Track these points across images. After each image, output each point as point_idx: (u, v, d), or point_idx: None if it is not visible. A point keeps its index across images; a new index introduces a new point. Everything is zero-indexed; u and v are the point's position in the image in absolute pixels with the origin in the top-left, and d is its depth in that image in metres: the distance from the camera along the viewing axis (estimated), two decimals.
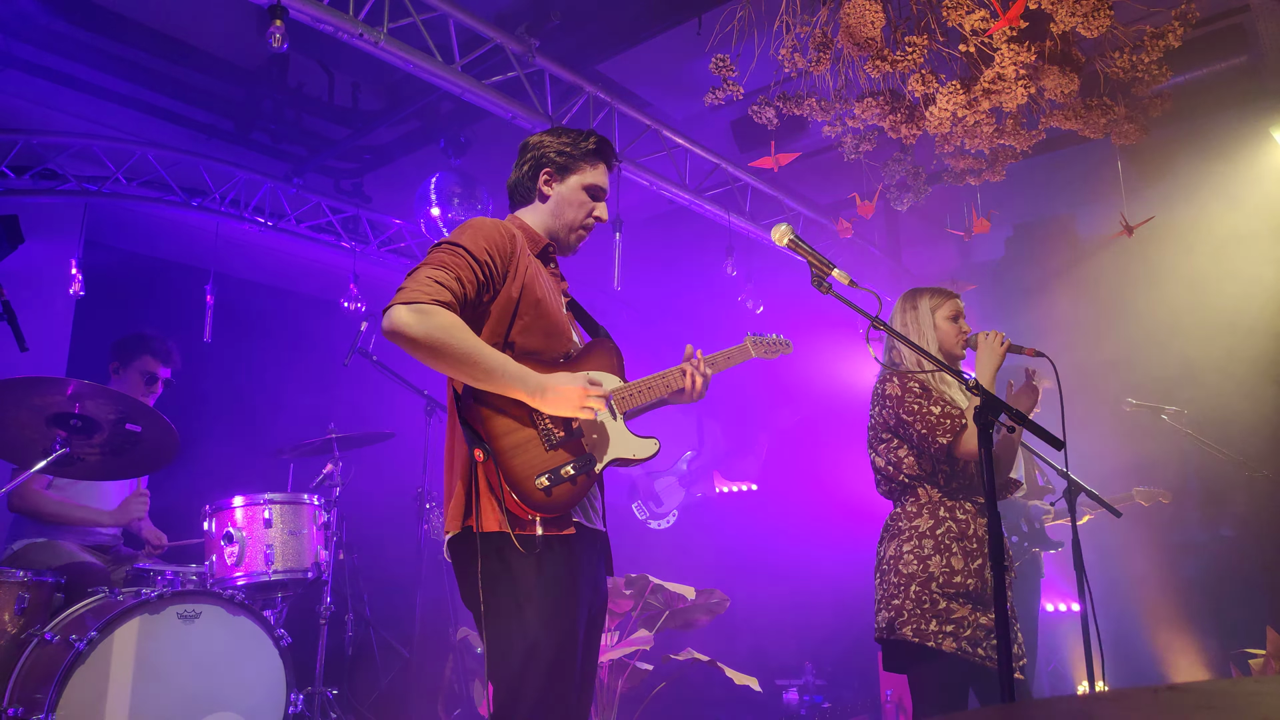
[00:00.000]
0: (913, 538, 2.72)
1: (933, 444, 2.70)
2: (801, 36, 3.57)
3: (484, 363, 2.03)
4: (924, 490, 2.78)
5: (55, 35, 4.75)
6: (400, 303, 1.99)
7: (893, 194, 4.78)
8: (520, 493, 2.04)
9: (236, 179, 5.80)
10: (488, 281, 2.13)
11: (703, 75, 3.73)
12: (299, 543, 3.72)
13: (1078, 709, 0.84)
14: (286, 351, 6.41)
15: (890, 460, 2.85)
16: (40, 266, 5.34)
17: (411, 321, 1.97)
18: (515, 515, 2.06)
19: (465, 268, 2.09)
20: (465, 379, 2.06)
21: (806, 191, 6.43)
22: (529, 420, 2.13)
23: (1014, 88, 3.43)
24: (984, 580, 2.66)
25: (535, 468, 2.08)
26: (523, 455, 2.08)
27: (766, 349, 2.88)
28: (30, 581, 3.07)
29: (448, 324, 2.00)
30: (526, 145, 2.43)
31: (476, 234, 2.17)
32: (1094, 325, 5.87)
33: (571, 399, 2.09)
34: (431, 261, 2.09)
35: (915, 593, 2.64)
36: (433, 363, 2.02)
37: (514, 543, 2.03)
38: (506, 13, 4.55)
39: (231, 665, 3.25)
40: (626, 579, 4.24)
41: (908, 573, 2.68)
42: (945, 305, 2.92)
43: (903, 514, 2.80)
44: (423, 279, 2.03)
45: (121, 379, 3.96)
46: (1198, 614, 5.39)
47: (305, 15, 3.71)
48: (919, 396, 2.76)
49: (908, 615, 2.63)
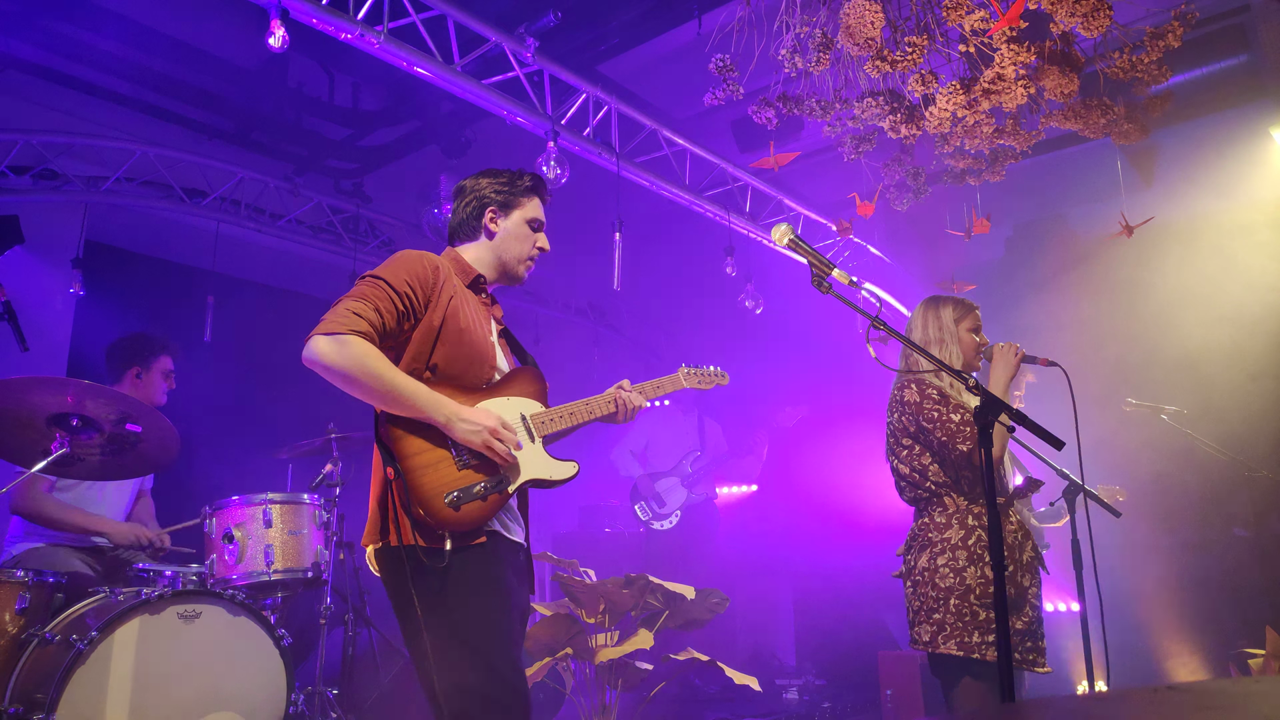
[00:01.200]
0: (946, 550, 2.75)
1: (953, 451, 2.74)
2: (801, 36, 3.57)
3: (395, 390, 2.16)
4: (950, 499, 2.80)
5: (55, 35, 4.75)
6: (319, 333, 2.12)
7: (893, 194, 4.78)
8: (428, 510, 2.15)
9: (236, 179, 5.80)
10: (408, 311, 2.26)
11: (703, 75, 3.73)
12: (299, 542, 3.72)
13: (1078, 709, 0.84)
14: (287, 351, 6.39)
15: (915, 467, 2.86)
16: (40, 266, 5.34)
17: (328, 351, 2.10)
18: (425, 530, 2.17)
19: (385, 299, 2.22)
20: (380, 405, 2.20)
21: (806, 191, 6.43)
22: (442, 442, 2.25)
23: (1014, 88, 3.43)
24: (1018, 585, 2.75)
25: (444, 486, 2.20)
26: (432, 474, 2.20)
27: (700, 379, 3.04)
28: (31, 582, 3.07)
29: (361, 354, 2.13)
30: (465, 188, 2.56)
31: (398, 266, 2.30)
32: (1094, 325, 5.87)
33: (479, 435, 2.23)
34: (353, 294, 2.22)
35: (955, 606, 2.68)
36: (349, 389, 2.16)
37: (421, 556, 2.15)
38: (506, 13, 4.55)
39: (231, 665, 3.24)
40: (626, 579, 4.24)
41: (945, 586, 2.71)
42: (968, 317, 2.97)
43: (931, 524, 2.82)
44: (342, 310, 2.17)
45: (144, 383, 3.99)
46: (1198, 614, 5.39)
47: (305, 15, 3.71)
48: (938, 403, 2.78)
49: (950, 629, 2.68)
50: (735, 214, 5.87)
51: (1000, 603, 2.11)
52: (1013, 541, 2.78)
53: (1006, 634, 2.09)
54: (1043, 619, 2.87)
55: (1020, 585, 2.76)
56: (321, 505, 3.90)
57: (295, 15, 3.65)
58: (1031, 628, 2.76)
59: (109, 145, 5.40)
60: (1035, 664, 2.76)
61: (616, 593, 4.24)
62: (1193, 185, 5.54)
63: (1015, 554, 2.77)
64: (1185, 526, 5.66)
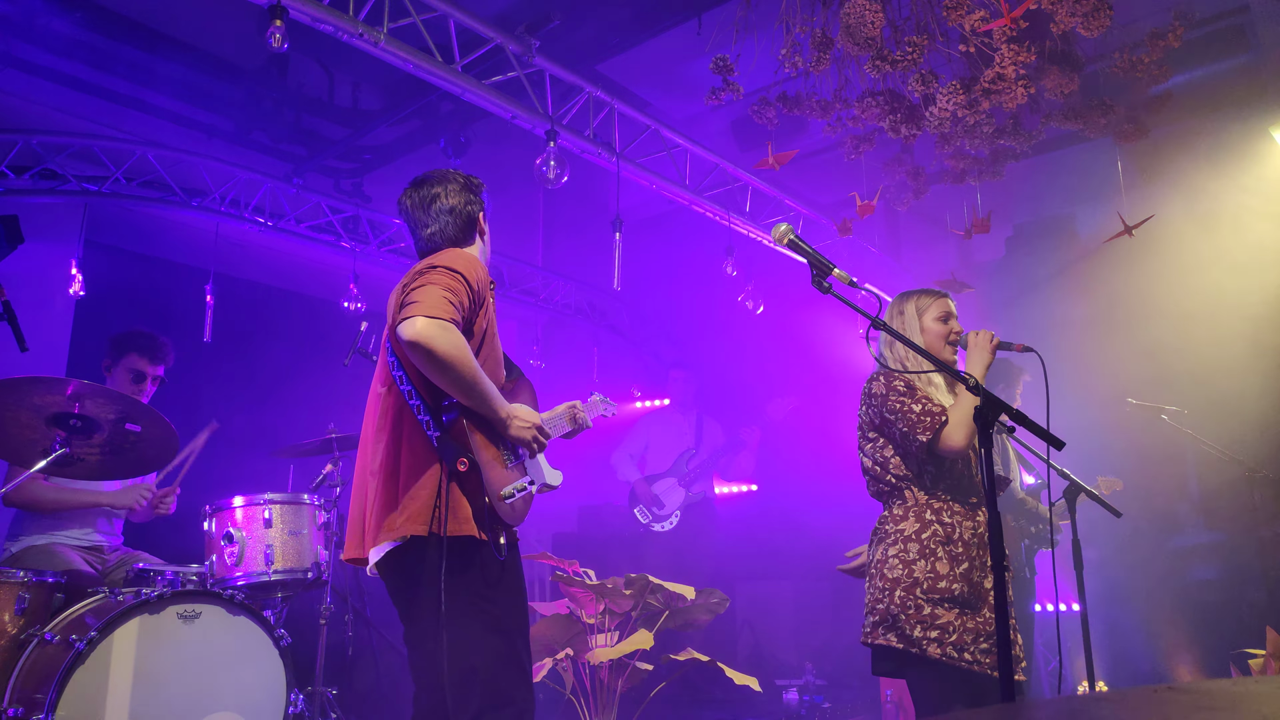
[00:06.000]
0: (898, 541, 2.68)
1: (913, 442, 2.67)
2: (801, 36, 3.57)
3: (479, 383, 2.21)
4: (910, 492, 2.74)
5: (55, 35, 4.75)
6: (424, 314, 2.11)
7: (893, 194, 4.78)
8: (494, 503, 2.23)
9: (236, 179, 5.80)
10: (472, 311, 2.30)
11: (703, 75, 3.73)
12: (299, 543, 3.71)
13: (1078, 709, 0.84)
14: (286, 351, 6.41)
15: (877, 460, 2.81)
16: (40, 266, 5.34)
17: (435, 334, 2.11)
18: (486, 523, 2.22)
19: (464, 294, 2.25)
20: (460, 394, 2.22)
21: (806, 191, 6.43)
22: (496, 440, 2.33)
23: (1014, 88, 3.43)
24: (971, 584, 2.62)
25: (502, 482, 2.28)
26: (492, 470, 2.27)
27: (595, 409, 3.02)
28: (31, 582, 3.07)
29: (461, 341, 2.16)
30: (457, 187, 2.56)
31: (472, 265, 2.33)
32: (1094, 325, 5.87)
33: (529, 433, 2.34)
34: (438, 282, 2.22)
35: (900, 598, 2.61)
36: (439, 373, 2.16)
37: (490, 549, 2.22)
38: (506, 13, 4.55)
39: (231, 665, 3.24)
40: (626, 579, 4.24)
41: (892, 577, 2.64)
42: (933, 306, 2.88)
43: (889, 517, 2.77)
44: (439, 296, 2.17)
45: (112, 377, 3.95)
46: (1198, 614, 5.39)
47: (305, 15, 3.70)
48: (902, 395, 2.72)
49: (892, 621, 2.61)
50: (735, 214, 5.87)
51: (1000, 602, 2.10)
52: (970, 538, 2.67)
53: (1007, 634, 2.09)
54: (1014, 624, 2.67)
55: (975, 584, 2.62)
56: (321, 505, 3.90)
57: (295, 15, 3.65)
58: (989, 630, 2.60)
59: (109, 145, 5.40)
60: (994, 668, 2.54)
61: (616, 593, 4.24)
62: (1193, 185, 5.53)
63: (972, 551, 2.65)
64: (1186, 526, 5.66)
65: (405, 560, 2.24)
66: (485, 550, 2.21)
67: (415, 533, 2.19)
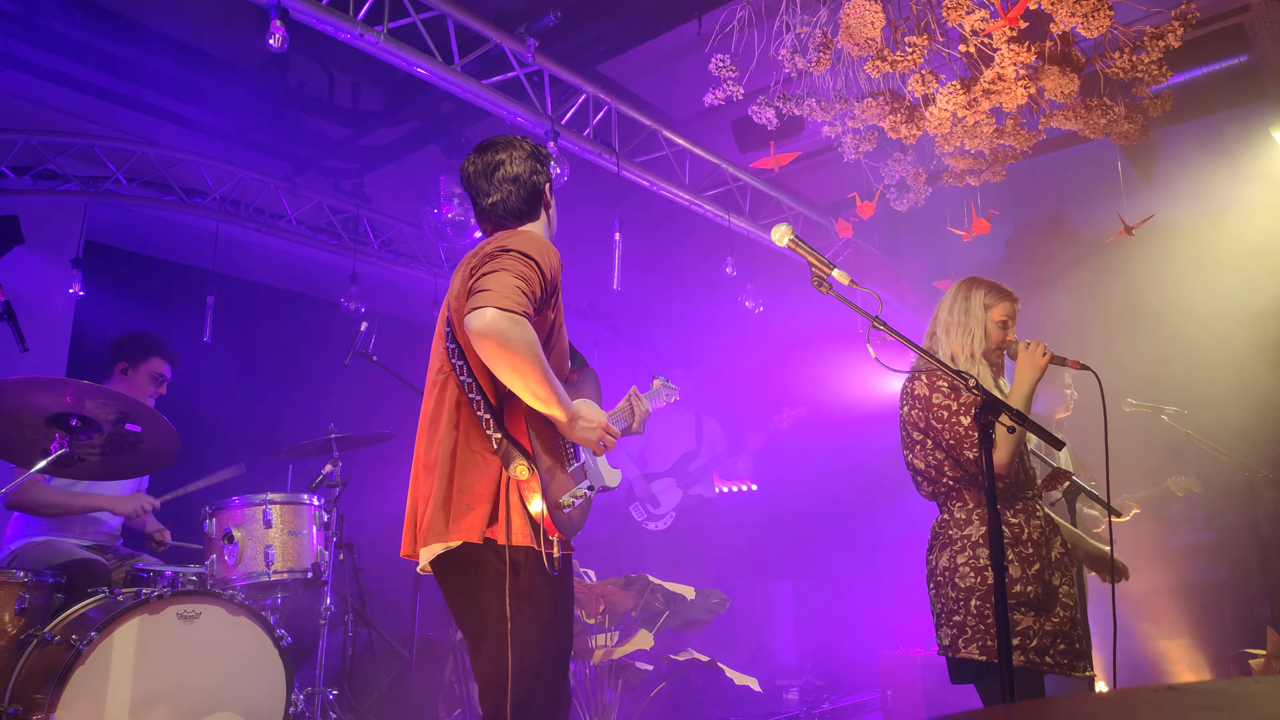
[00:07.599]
0: (965, 548, 2.58)
1: (960, 456, 2.60)
2: (801, 36, 3.57)
3: (547, 381, 2.03)
4: (970, 494, 2.63)
5: (55, 35, 4.75)
6: (496, 306, 1.94)
7: (893, 194, 4.78)
8: (553, 514, 2.06)
9: (236, 179, 5.80)
10: (543, 301, 2.11)
11: (703, 75, 3.72)
12: (299, 543, 3.71)
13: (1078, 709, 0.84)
14: (286, 351, 6.41)
15: (930, 463, 2.69)
16: (40, 266, 5.33)
17: (507, 328, 1.94)
18: (539, 533, 2.08)
19: (537, 284, 2.06)
20: (525, 394, 2.04)
21: (806, 191, 6.43)
22: (557, 445, 2.17)
23: (1014, 88, 3.43)
24: (1044, 584, 2.56)
25: (561, 489, 2.12)
26: (555, 476, 2.12)
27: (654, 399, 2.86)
28: (30, 582, 3.07)
29: (533, 337, 1.99)
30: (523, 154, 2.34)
31: (545, 251, 2.12)
32: (1094, 325, 5.87)
33: (595, 434, 2.17)
34: (511, 270, 2.03)
35: (976, 607, 2.52)
36: (507, 369, 1.99)
37: (543, 560, 2.07)
38: (506, 13, 4.55)
39: (231, 665, 3.24)
40: (626, 579, 4.24)
41: (965, 586, 2.54)
42: (999, 306, 2.75)
43: (951, 521, 2.65)
44: (512, 287, 1.98)
45: (129, 380, 3.97)
46: (1198, 614, 5.39)
47: (305, 15, 3.70)
48: (947, 398, 2.62)
49: (971, 632, 2.51)
50: (735, 214, 5.87)
51: (1000, 602, 2.10)
52: (1039, 537, 2.60)
53: (1007, 634, 2.08)
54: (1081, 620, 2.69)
55: (1047, 583, 2.57)
56: (322, 505, 3.90)
57: (295, 15, 3.65)
58: (1064, 629, 2.56)
59: (109, 145, 5.40)
60: (1071, 668, 2.55)
61: (616, 593, 4.24)
62: (1193, 185, 5.53)
63: (1041, 550, 2.58)
64: (1186, 526, 5.66)
65: (460, 564, 2.12)
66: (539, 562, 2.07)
67: (470, 540, 2.07)
